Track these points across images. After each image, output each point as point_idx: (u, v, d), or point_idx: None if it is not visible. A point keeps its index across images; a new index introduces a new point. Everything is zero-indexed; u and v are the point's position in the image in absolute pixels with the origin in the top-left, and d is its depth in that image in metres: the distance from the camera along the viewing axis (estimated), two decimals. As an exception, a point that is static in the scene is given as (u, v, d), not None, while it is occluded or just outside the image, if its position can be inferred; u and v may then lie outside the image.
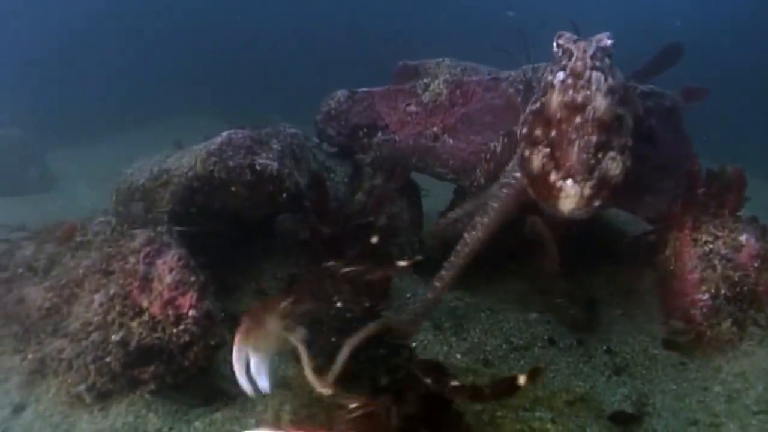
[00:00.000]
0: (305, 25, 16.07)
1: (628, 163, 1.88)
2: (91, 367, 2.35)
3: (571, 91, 1.87)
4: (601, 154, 1.82)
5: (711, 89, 3.67)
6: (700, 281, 2.81)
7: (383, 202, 3.12)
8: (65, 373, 2.42)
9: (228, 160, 2.88)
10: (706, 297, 2.79)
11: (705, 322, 2.79)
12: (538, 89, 2.20)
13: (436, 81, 3.41)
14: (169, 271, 2.38)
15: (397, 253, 3.24)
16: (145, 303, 2.36)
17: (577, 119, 1.83)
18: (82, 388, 2.39)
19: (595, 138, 1.81)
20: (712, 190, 2.97)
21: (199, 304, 2.35)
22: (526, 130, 1.98)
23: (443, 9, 18.00)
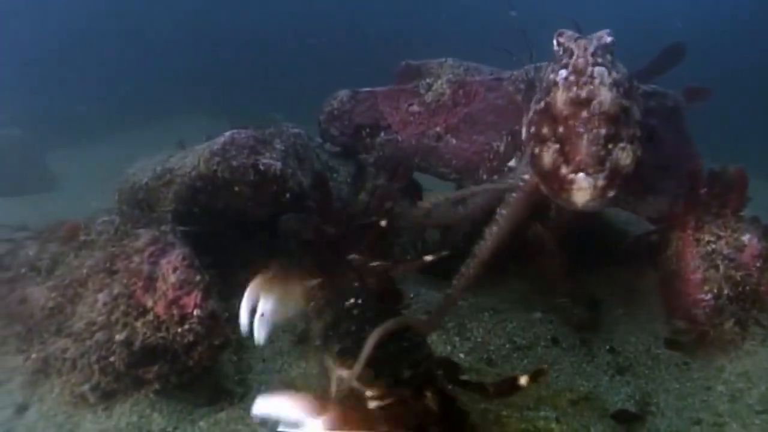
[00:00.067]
0: (306, 25, 16.07)
1: (638, 153, 1.89)
2: (95, 366, 2.34)
3: (575, 88, 1.88)
4: (611, 146, 1.84)
5: (711, 89, 3.67)
6: (703, 281, 2.81)
7: (386, 201, 3.12)
8: (69, 373, 2.42)
9: (231, 160, 2.88)
10: (709, 297, 2.79)
11: (708, 322, 2.79)
12: (540, 88, 2.21)
13: (439, 81, 3.40)
14: (174, 270, 2.37)
15: (400, 253, 3.25)
16: (150, 303, 2.35)
17: (584, 114, 1.84)
18: (86, 387, 2.39)
19: (603, 130, 1.82)
20: (714, 190, 2.98)
21: (203, 303, 2.35)
22: (533, 129, 1.98)
23: (443, 9, 18.00)
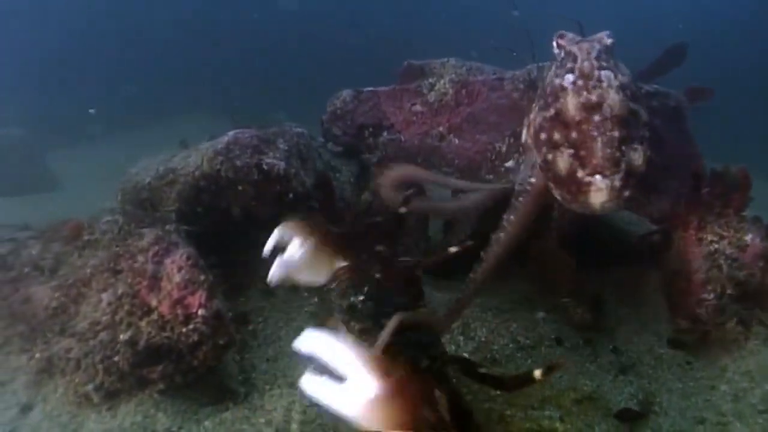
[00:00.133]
0: (307, 25, 16.07)
1: (648, 153, 1.93)
2: (99, 366, 2.34)
3: (584, 92, 1.91)
4: (624, 147, 1.87)
5: (713, 89, 3.67)
6: (706, 281, 2.81)
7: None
8: (73, 373, 2.41)
9: (235, 160, 2.88)
10: (712, 296, 2.79)
11: (711, 322, 2.79)
12: (542, 91, 2.20)
13: (442, 81, 3.39)
14: (178, 270, 2.37)
15: (403, 253, 3.24)
16: (154, 302, 2.35)
17: (596, 118, 1.87)
18: (90, 387, 2.38)
19: (616, 133, 1.86)
20: (716, 189, 2.98)
21: (208, 303, 2.34)
22: (544, 136, 1.99)
23: (443, 9, 18.01)
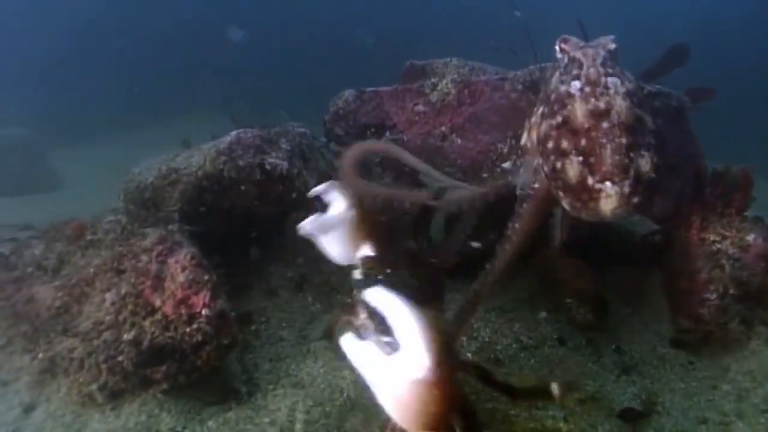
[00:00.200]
0: (308, 25, 16.08)
1: (655, 159, 1.92)
2: (103, 366, 2.34)
3: (592, 99, 1.91)
4: (632, 154, 1.88)
5: (716, 89, 3.67)
6: (708, 281, 2.82)
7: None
8: (76, 373, 2.41)
9: (238, 160, 2.89)
10: (714, 296, 2.80)
11: (713, 322, 2.80)
12: (545, 96, 2.18)
13: (444, 81, 3.39)
14: (182, 269, 2.37)
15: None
16: (158, 302, 2.35)
17: (604, 125, 1.88)
18: (93, 387, 2.38)
19: (624, 140, 1.87)
20: (719, 189, 2.99)
21: (212, 303, 2.34)
22: (551, 144, 1.98)
23: (443, 9, 18.02)
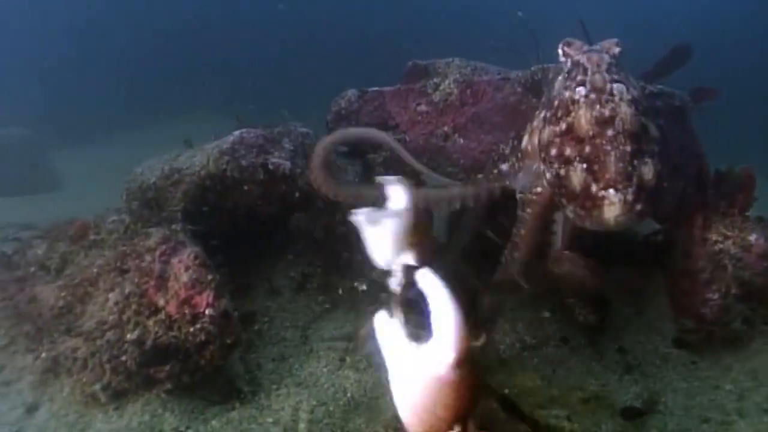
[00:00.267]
0: (310, 24, 16.09)
1: (658, 167, 1.92)
2: (106, 366, 2.34)
3: (598, 106, 1.89)
4: (636, 162, 1.87)
5: (719, 90, 3.68)
6: (711, 280, 2.82)
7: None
8: (80, 372, 2.40)
9: (241, 159, 2.88)
10: (717, 296, 2.80)
11: (715, 321, 2.79)
12: (548, 101, 2.16)
13: (447, 80, 3.39)
14: (186, 269, 2.37)
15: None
16: (162, 302, 2.35)
17: (609, 132, 1.87)
18: (97, 387, 2.38)
19: (628, 147, 1.86)
20: (721, 189, 2.99)
21: (215, 303, 2.34)
22: (555, 151, 1.97)
23: (443, 9, 18.03)
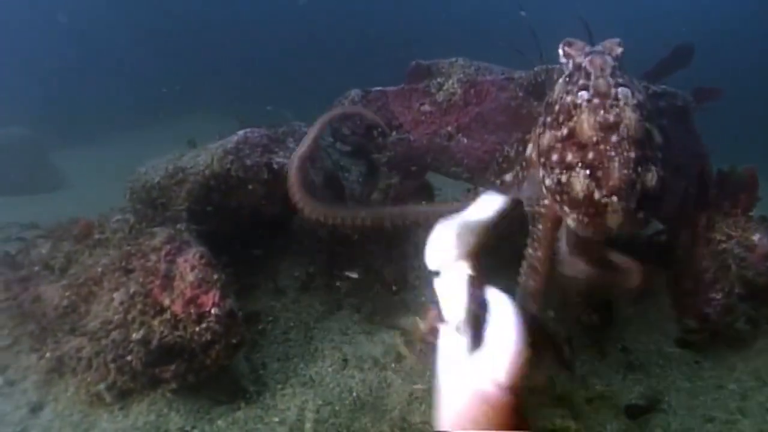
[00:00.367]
0: (313, 24, 16.09)
1: (661, 173, 1.89)
2: (111, 365, 2.33)
3: (602, 111, 1.84)
4: (639, 168, 1.84)
5: (723, 89, 3.68)
6: (714, 280, 2.82)
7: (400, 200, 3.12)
8: (84, 372, 2.40)
9: (245, 159, 2.88)
10: (720, 296, 2.80)
11: (719, 321, 2.79)
12: (549, 105, 2.14)
13: (450, 80, 3.38)
14: (191, 269, 2.37)
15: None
16: (167, 301, 2.35)
17: (613, 138, 1.82)
18: (102, 387, 2.38)
19: (633, 154, 1.83)
20: (724, 189, 2.99)
21: (221, 302, 2.34)
22: (556, 156, 1.93)
23: (444, 9, 18.03)
